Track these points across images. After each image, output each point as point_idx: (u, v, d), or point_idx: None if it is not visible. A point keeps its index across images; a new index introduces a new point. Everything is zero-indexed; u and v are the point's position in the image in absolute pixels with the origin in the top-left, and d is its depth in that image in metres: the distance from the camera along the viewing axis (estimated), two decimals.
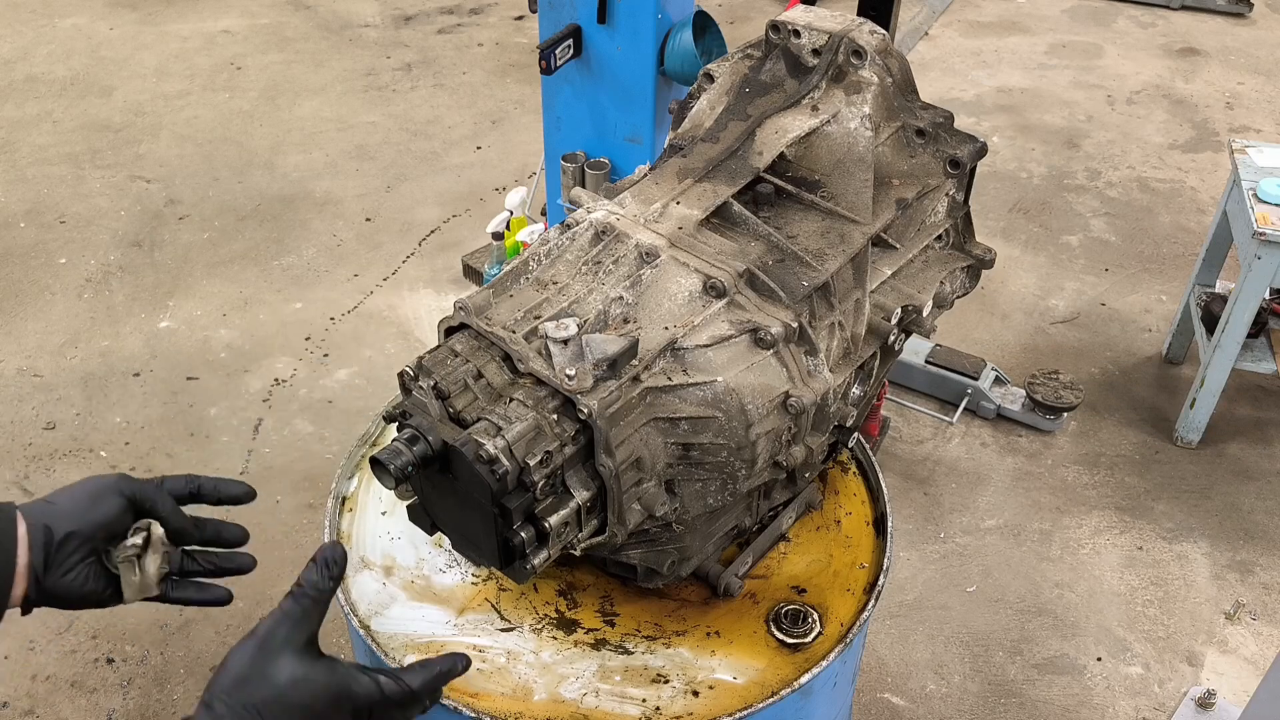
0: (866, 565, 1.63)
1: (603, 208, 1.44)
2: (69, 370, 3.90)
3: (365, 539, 1.65)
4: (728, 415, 1.30)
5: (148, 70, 5.94)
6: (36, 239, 4.59)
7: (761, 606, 1.56)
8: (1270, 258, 3.21)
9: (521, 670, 1.46)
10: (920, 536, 3.32)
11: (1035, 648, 3.01)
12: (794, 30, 1.56)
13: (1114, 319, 4.24)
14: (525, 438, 1.21)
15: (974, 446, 3.66)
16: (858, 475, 1.79)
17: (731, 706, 1.41)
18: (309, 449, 3.58)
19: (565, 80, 3.33)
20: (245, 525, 1.37)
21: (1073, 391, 3.62)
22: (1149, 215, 4.86)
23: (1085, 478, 3.55)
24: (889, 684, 2.91)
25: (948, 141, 1.55)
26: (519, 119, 5.55)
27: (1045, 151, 5.31)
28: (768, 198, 1.50)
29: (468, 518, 1.28)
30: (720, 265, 1.34)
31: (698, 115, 1.62)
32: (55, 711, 2.81)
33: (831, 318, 1.42)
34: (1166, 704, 2.85)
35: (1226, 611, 3.12)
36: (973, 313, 4.20)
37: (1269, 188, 3.27)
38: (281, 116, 5.54)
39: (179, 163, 5.13)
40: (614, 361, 1.23)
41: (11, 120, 5.46)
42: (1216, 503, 3.46)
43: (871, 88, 1.52)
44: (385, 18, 6.60)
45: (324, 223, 4.72)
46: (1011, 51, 6.28)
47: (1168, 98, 5.81)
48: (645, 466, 1.30)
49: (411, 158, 5.22)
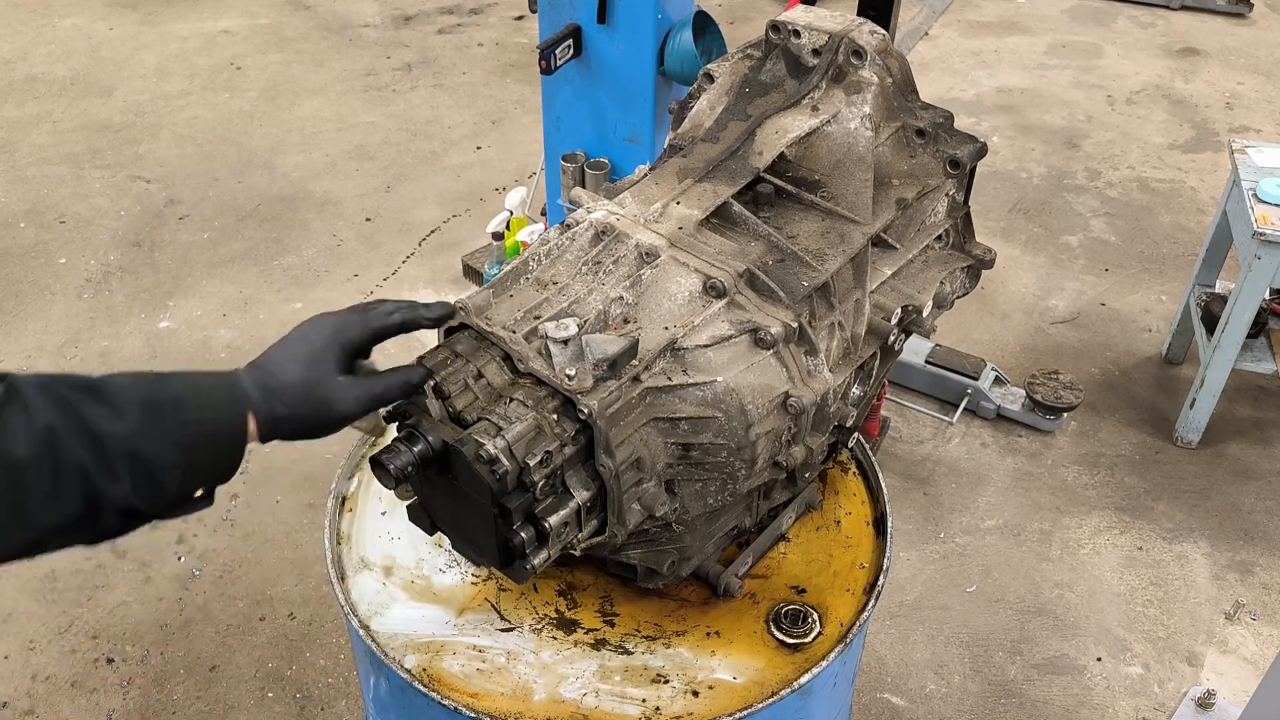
0: (866, 565, 1.63)
1: (603, 208, 1.44)
2: (69, 370, 3.90)
3: (365, 539, 1.65)
4: (728, 415, 1.30)
5: (148, 70, 5.94)
6: (36, 239, 4.59)
7: (761, 606, 1.56)
8: (1270, 258, 3.21)
9: (521, 670, 1.46)
10: (920, 536, 3.32)
11: (1035, 648, 3.01)
12: (794, 30, 1.56)
13: (1114, 319, 4.24)
14: (525, 438, 1.21)
15: (974, 446, 3.66)
16: (858, 475, 1.79)
17: (731, 706, 1.41)
18: (309, 449, 3.58)
19: (565, 80, 3.33)
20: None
21: (1073, 391, 3.62)
22: (1149, 215, 4.86)
23: (1085, 478, 3.55)
24: (889, 684, 2.91)
25: (948, 141, 1.55)
26: (519, 119, 5.55)
27: (1045, 151, 5.31)
28: (768, 198, 1.50)
29: (468, 518, 1.28)
30: (720, 265, 1.34)
31: (698, 115, 1.62)
32: (55, 711, 2.81)
33: (831, 318, 1.42)
34: (1166, 704, 2.85)
35: (1226, 611, 3.12)
36: (973, 313, 4.20)
37: (1269, 188, 3.27)
38: (281, 116, 5.54)
39: (179, 163, 5.13)
40: (614, 361, 1.23)
41: (11, 120, 5.46)
42: (1216, 503, 3.46)
43: (871, 88, 1.52)
44: (385, 18, 6.60)
45: (324, 223, 4.72)
46: (1011, 51, 6.28)
47: (1168, 98, 5.81)
48: (645, 466, 1.30)
49: (411, 158, 5.22)
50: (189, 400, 1.08)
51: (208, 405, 1.10)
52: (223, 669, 2.91)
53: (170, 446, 1.05)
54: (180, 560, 3.18)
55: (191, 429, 1.07)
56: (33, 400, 0.98)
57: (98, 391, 1.03)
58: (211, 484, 1.13)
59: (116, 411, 1.03)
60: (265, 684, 2.88)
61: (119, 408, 1.03)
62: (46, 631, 3.00)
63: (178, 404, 1.07)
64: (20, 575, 3.15)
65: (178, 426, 1.06)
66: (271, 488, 3.41)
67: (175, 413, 1.06)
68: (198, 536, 3.24)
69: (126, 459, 1.02)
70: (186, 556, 3.19)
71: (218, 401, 1.11)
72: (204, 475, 1.11)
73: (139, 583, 3.13)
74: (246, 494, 3.38)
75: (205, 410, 1.09)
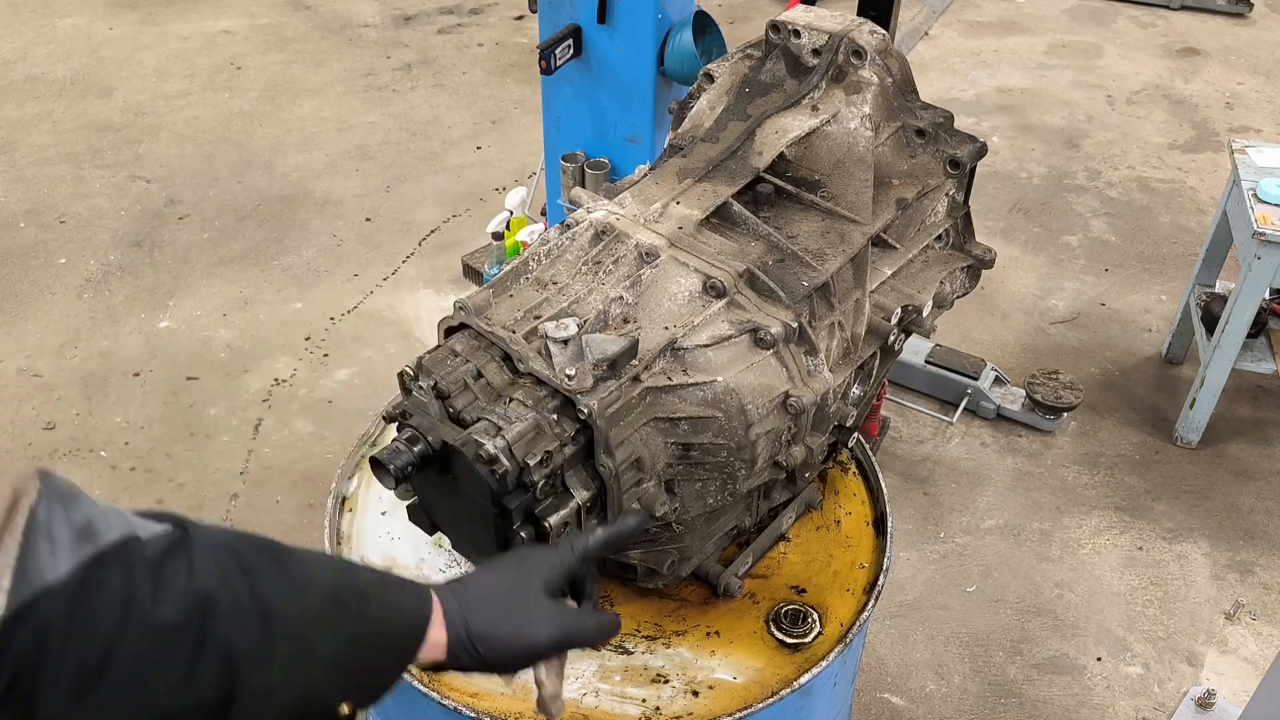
0: (866, 565, 1.63)
1: (603, 208, 1.44)
2: (69, 370, 3.90)
3: (365, 539, 1.65)
4: (728, 415, 1.29)
5: (148, 70, 5.94)
6: (36, 239, 4.59)
7: (761, 606, 1.56)
8: (1270, 258, 3.20)
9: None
10: (920, 536, 3.32)
11: (1035, 648, 3.01)
12: (794, 30, 1.56)
13: (1114, 319, 4.24)
14: (525, 438, 1.21)
15: (974, 446, 3.66)
16: (858, 475, 1.79)
17: (731, 706, 1.41)
18: (309, 449, 3.58)
19: (565, 80, 3.33)
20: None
21: (1072, 391, 3.62)
22: (1149, 215, 4.86)
23: (1085, 478, 3.55)
24: (889, 684, 2.91)
25: (948, 141, 1.55)
26: (519, 119, 5.55)
27: (1045, 151, 5.31)
28: (768, 198, 1.50)
29: (467, 518, 1.28)
30: (720, 265, 1.34)
31: (698, 115, 1.62)
32: None
33: (831, 318, 1.42)
34: (1166, 704, 2.85)
35: (1226, 611, 3.12)
36: (973, 313, 4.20)
37: (1269, 188, 3.27)
38: (281, 116, 5.54)
39: (179, 163, 5.13)
40: (614, 361, 1.23)
41: (11, 120, 5.46)
42: (1216, 503, 3.46)
43: (871, 88, 1.52)
44: (385, 18, 6.60)
45: (324, 223, 4.72)
46: (1011, 51, 6.28)
47: (1168, 98, 5.81)
48: (645, 466, 1.30)
49: (411, 158, 5.22)
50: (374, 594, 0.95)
51: (395, 605, 0.96)
52: None
53: (342, 641, 0.91)
54: None
55: (370, 625, 0.93)
56: (201, 556, 0.84)
57: (283, 561, 0.90)
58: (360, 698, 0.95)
59: (297, 590, 0.89)
60: None
61: (301, 586, 0.89)
62: None
63: (360, 594, 0.93)
64: None
65: (354, 619, 0.92)
66: (271, 488, 3.41)
67: (355, 603, 0.93)
68: None
69: (291, 647, 0.87)
70: None
71: (405, 601, 0.97)
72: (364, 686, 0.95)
73: None
74: (246, 494, 3.38)
75: (389, 610, 0.96)
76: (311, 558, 0.93)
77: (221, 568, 0.85)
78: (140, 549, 0.82)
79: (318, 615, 0.89)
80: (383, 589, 0.96)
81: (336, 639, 0.90)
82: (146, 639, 0.79)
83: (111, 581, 0.79)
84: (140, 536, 0.83)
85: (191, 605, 0.81)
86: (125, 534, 0.81)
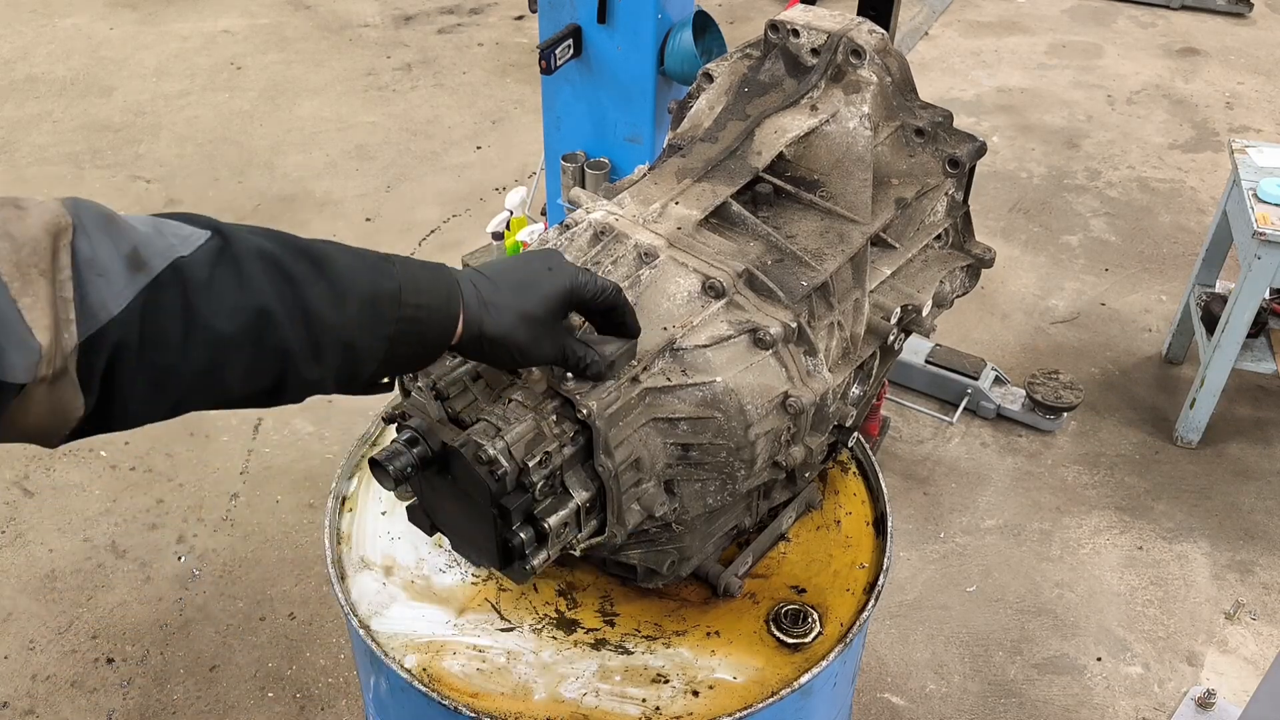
0: (866, 565, 1.63)
1: (602, 208, 1.44)
2: None
3: (365, 539, 1.65)
4: (727, 415, 1.29)
5: (148, 70, 5.94)
6: None
7: (761, 606, 1.56)
8: (1270, 258, 3.21)
9: (521, 670, 1.46)
10: (920, 536, 3.32)
11: (1035, 648, 3.01)
12: (793, 30, 1.56)
13: (1114, 319, 4.24)
14: (524, 439, 1.21)
15: (974, 446, 3.66)
16: (858, 475, 1.79)
17: (731, 706, 1.41)
18: (309, 449, 3.58)
19: (565, 80, 3.33)
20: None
21: (1073, 391, 3.62)
22: (1149, 215, 4.86)
23: (1085, 478, 3.55)
24: (889, 684, 2.91)
25: (947, 141, 1.55)
26: (519, 119, 5.55)
27: (1045, 151, 5.31)
28: (767, 198, 1.50)
29: (467, 518, 1.28)
30: (719, 265, 1.34)
31: (697, 115, 1.62)
32: (55, 711, 2.81)
33: (831, 317, 1.42)
34: (1166, 704, 2.85)
35: (1226, 611, 3.12)
36: (973, 313, 4.20)
37: (1269, 188, 3.27)
38: (281, 116, 5.54)
39: (179, 163, 5.13)
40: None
41: (11, 120, 5.46)
42: (1216, 503, 3.46)
43: (870, 87, 1.52)
44: (385, 18, 6.60)
45: (324, 223, 4.72)
46: (1011, 51, 6.28)
47: (1168, 98, 5.81)
48: (644, 467, 1.30)
49: (411, 158, 5.22)
50: (408, 296, 1.06)
51: (427, 306, 1.07)
52: (223, 669, 2.91)
53: (380, 340, 1.04)
54: (180, 560, 3.18)
55: (404, 325, 1.05)
56: (247, 269, 0.94)
57: (321, 267, 0.99)
58: (403, 375, 1.15)
59: (338, 298, 0.99)
60: (265, 684, 2.88)
61: (341, 293, 1.00)
62: (46, 631, 3.00)
63: (395, 298, 1.04)
64: (20, 575, 3.15)
65: (392, 321, 1.04)
66: (271, 488, 3.41)
67: (392, 307, 1.04)
68: (197, 536, 3.24)
69: (336, 348, 1.00)
70: (186, 556, 3.19)
71: (435, 302, 1.08)
72: (400, 367, 1.12)
73: (139, 583, 3.13)
74: (246, 494, 3.38)
75: (421, 310, 1.07)
76: (344, 261, 1.02)
77: (270, 279, 0.95)
78: (188, 270, 0.90)
79: (359, 321, 1.01)
80: (414, 291, 1.06)
81: (375, 338, 1.04)
82: (211, 349, 0.92)
83: (170, 304, 0.89)
84: (184, 254, 0.91)
85: (247, 319, 0.93)
86: (172, 258, 0.90)
